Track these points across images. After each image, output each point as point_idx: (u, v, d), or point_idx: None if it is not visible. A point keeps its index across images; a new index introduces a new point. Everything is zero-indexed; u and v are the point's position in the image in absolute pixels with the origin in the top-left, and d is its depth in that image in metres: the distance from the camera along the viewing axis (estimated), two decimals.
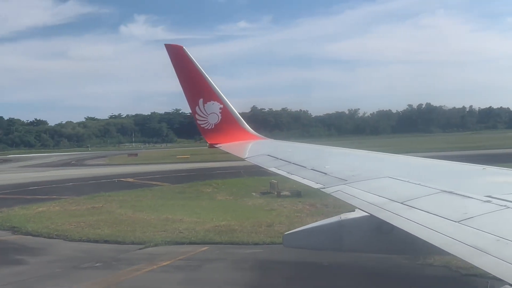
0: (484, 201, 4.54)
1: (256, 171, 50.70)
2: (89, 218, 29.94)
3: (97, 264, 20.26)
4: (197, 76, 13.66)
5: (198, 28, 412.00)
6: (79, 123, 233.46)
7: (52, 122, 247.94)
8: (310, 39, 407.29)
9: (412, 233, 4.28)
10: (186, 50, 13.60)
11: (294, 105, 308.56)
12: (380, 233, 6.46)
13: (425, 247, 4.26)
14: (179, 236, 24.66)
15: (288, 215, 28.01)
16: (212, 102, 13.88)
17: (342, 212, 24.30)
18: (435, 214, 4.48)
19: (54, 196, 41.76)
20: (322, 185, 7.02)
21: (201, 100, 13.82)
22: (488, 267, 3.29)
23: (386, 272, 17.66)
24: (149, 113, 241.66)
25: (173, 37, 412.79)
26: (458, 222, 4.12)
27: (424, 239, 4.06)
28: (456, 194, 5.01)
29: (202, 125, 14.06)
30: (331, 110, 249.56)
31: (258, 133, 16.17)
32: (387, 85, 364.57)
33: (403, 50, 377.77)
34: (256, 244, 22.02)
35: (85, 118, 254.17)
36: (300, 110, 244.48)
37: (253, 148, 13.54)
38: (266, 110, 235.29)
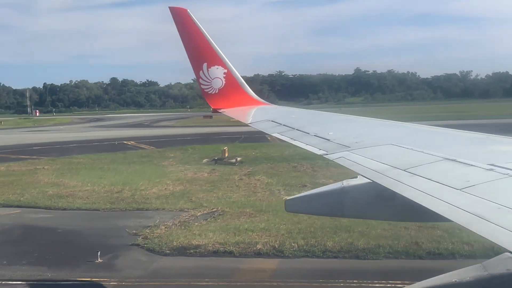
0: (487, 169, 4.54)
1: (255, 137, 53.11)
2: (1, 179, 32.95)
3: None
4: (202, 40, 13.51)
5: None
6: (186, 85, 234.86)
7: (163, 83, 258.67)
8: None
9: (414, 200, 4.30)
10: (191, 13, 13.43)
11: (402, 67, 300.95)
12: (382, 199, 6.49)
13: (426, 214, 4.29)
14: (20, 199, 27.33)
15: (166, 182, 30.72)
16: (216, 66, 13.76)
17: (234, 177, 30.07)
18: (437, 182, 4.49)
19: (34, 157, 45.42)
20: (324, 152, 7.04)
21: (205, 65, 13.70)
22: (489, 235, 3.32)
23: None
24: (252, 75, 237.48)
25: None
26: (460, 189, 4.13)
27: (425, 206, 4.08)
28: (458, 162, 5.01)
29: (205, 90, 13.98)
30: (441, 72, 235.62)
31: (354, 96, 15.99)
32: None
33: None
34: (64, 209, 24.92)
35: (192, 79, 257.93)
36: (408, 72, 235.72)
37: (257, 114, 13.50)
38: (370, 72, 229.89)
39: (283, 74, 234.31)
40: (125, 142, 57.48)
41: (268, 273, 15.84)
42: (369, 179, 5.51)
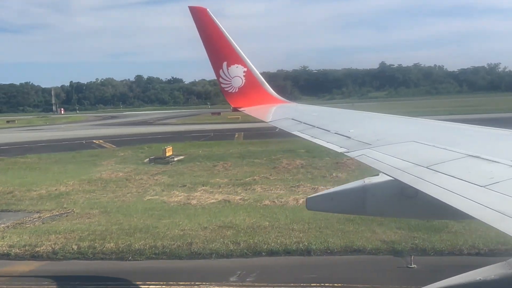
0: (511, 166, 4.47)
1: (223, 135, 55.94)
2: None
3: None
4: (221, 39, 13.56)
5: None
6: (210, 81, 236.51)
7: (188, 80, 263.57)
8: None
9: (436, 197, 4.25)
10: (210, 12, 13.48)
11: (431, 60, 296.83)
12: (404, 197, 6.44)
13: (449, 212, 4.24)
14: None
15: (68, 182, 31.12)
16: (236, 65, 13.79)
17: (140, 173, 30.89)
18: (460, 179, 4.43)
19: None
20: (346, 149, 6.99)
21: (225, 63, 13.75)
22: None
23: None
24: (276, 71, 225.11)
25: None
26: (484, 186, 4.07)
27: (448, 203, 4.04)
28: (482, 158, 4.94)
29: (226, 89, 14.02)
30: (467, 65, 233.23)
31: (378, 90, 16.07)
32: None
33: None
34: None
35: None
36: (435, 65, 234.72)
37: (277, 112, 13.50)
38: (395, 66, 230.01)
39: (307, 69, 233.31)
40: (94, 141, 58.95)
41: (5, 277, 15.73)
42: (391, 176, 5.46)
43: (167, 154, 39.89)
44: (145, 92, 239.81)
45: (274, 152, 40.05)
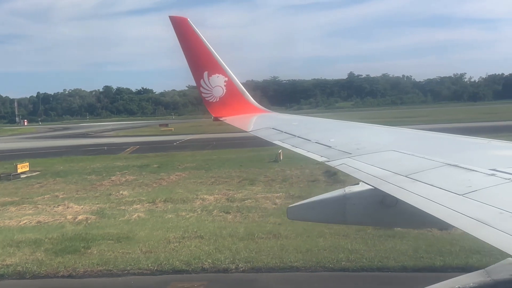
0: (489, 174, 4.53)
1: (120, 149, 56.46)
2: None
3: None
4: (202, 48, 13.55)
5: None
6: (179, 92, 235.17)
7: (158, 90, 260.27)
8: None
9: (415, 206, 4.29)
10: (191, 22, 13.48)
11: (398, 70, 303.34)
12: (384, 206, 6.48)
13: (428, 220, 4.28)
14: None
15: None
16: (217, 75, 13.79)
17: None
18: (439, 187, 4.48)
19: None
20: (326, 159, 7.02)
21: (206, 73, 13.74)
22: (491, 240, 3.31)
23: None
24: (245, 81, 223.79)
25: (307, 2, 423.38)
26: (462, 195, 4.12)
27: (427, 212, 4.07)
28: (460, 167, 5.00)
29: (206, 98, 14.00)
30: (434, 75, 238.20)
31: (346, 100, 16.04)
32: None
33: None
34: None
35: (187, 86, 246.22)
36: (403, 75, 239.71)
37: (258, 122, 13.51)
38: (363, 76, 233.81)
39: (276, 79, 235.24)
40: None
41: None
42: (371, 185, 5.49)
43: (22, 170, 39.08)
44: (113, 103, 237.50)
45: (128, 168, 39.37)
